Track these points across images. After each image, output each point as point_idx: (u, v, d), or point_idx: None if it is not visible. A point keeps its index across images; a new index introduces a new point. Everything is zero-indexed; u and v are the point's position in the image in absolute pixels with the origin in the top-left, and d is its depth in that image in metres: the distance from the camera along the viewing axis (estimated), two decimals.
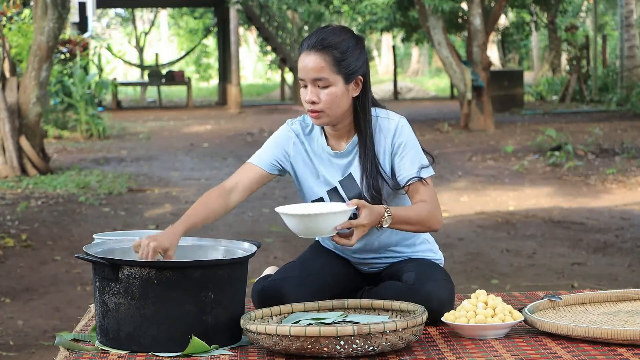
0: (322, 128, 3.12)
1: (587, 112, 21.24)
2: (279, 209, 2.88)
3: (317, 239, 3.26)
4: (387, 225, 2.90)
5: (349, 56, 3.00)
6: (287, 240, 8.09)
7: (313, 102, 3.00)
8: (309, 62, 2.98)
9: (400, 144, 3.04)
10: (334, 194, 3.09)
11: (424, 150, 3.10)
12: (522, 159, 13.30)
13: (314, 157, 3.12)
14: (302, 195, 3.16)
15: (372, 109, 3.08)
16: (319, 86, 3.00)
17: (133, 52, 41.42)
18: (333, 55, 2.98)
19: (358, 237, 2.85)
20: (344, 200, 3.05)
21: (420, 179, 3.02)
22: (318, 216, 2.81)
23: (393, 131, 3.04)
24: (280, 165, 3.12)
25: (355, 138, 3.08)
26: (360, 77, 3.03)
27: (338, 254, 3.23)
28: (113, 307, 2.73)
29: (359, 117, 3.05)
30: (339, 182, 3.09)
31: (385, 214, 2.89)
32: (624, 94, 22.44)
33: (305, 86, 3.02)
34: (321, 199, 3.10)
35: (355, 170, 3.07)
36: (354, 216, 2.91)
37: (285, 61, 28.13)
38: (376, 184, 3.03)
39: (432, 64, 41.29)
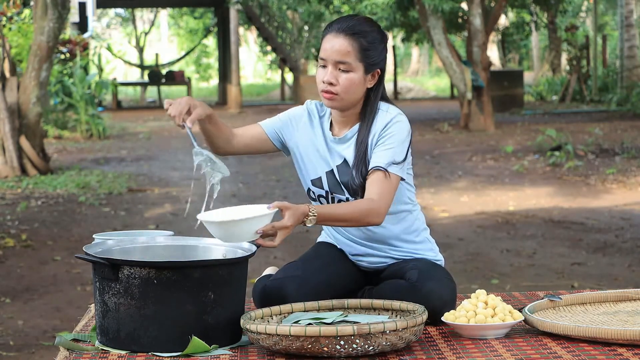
0: (330, 113, 3.18)
1: (587, 112, 21.24)
2: (200, 216, 2.86)
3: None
4: (310, 225, 2.90)
5: (374, 48, 3.07)
6: (287, 240, 8.06)
7: (331, 84, 3.06)
8: (336, 44, 3.04)
9: (384, 135, 3.07)
10: (330, 177, 3.15)
11: (410, 151, 3.11)
12: (522, 159, 13.30)
13: (320, 138, 3.18)
14: (303, 174, 3.21)
15: (378, 102, 3.12)
16: (340, 69, 3.06)
17: (133, 52, 41.40)
18: (360, 43, 3.04)
19: (281, 238, 2.85)
20: (339, 184, 3.12)
21: (385, 171, 3.02)
22: (238, 222, 2.80)
23: (385, 123, 3.08)
24: (282, 137, 3.22)
25: (356, 126, 3.13)
26: (379, 70, 3.10)
27: (341, 253, 3.23)
28: (113, 307, 2.73)
29: (367, 108, 3.11)
30: (336, 166, 3.14)
31: (310, 214, 2.88)
32: (624, 94, 22.44)
33: (324, 66, 3.07)
34: (319, 179, 3.16)
35: (350, 157, 3.11)
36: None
37: (285, 61, 28.12)
38: (365, 171, 3.06)
39: (432, 64, 41.29)
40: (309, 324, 2.77)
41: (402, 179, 3.09)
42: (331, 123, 3.19)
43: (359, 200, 3.03)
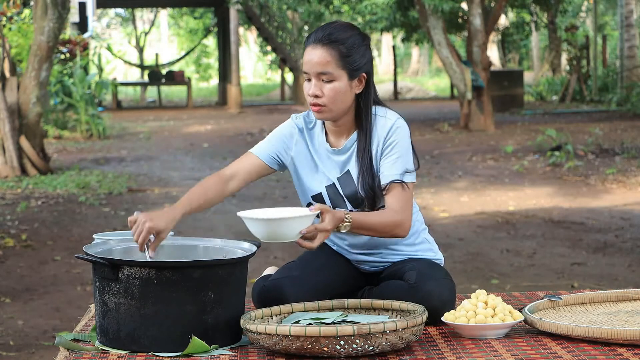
0: (323, 124, 3.14)
1: (587, 112, 21.24)
2: (242, 214, 2.84)
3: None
4: (345, 231, 2.91)
5: (354, 52, 3.01)
6: None
7: (316, 96, 3.02)
8: (315, 55, 3.00)
9: (390, 144, 3.04)
10: (331, 190, 3.11)
11: (414, 153, 3.10)
12: (522, 159, 13.30)
13: (314, 152, 3.13)
14: (301, 191, 3.18)
15: (372, 107, 3.09)
16: (323, 80, 3.01)
17: (133, 52, 41.41)
18: (339, 50, 3.00)
19: (321, 241, 2.85)
20: (341, 196, 3.08)
21: (401, 183, 3.02)
22: (283, 220, 2.79)
23: (387, 130, 3.05)
24: (280, 159, 3.15)
25: (354, 135, 3.09)
26: (364, 74, 3.05)
27: (340, 253, 3.23)
28: (113, 307, 2.73)
29: (361, 114, 3.07)
30: (337, 178, 3.10)
31: (345, 220, 2.89)
32: (624, 94, 22.44)
33: (309, 79, 3.04)
34: (320, 195, 3.12)
35: (353, 168, 3.08)
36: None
37: (285, 61, 28.12)
38: (371, 182, 3.04)
39: (432, 64, 41.30)
40: (309, 324, 2.77)
41: None
42: (326, 133, 3.14)
43: (387, 211, 3.00)
